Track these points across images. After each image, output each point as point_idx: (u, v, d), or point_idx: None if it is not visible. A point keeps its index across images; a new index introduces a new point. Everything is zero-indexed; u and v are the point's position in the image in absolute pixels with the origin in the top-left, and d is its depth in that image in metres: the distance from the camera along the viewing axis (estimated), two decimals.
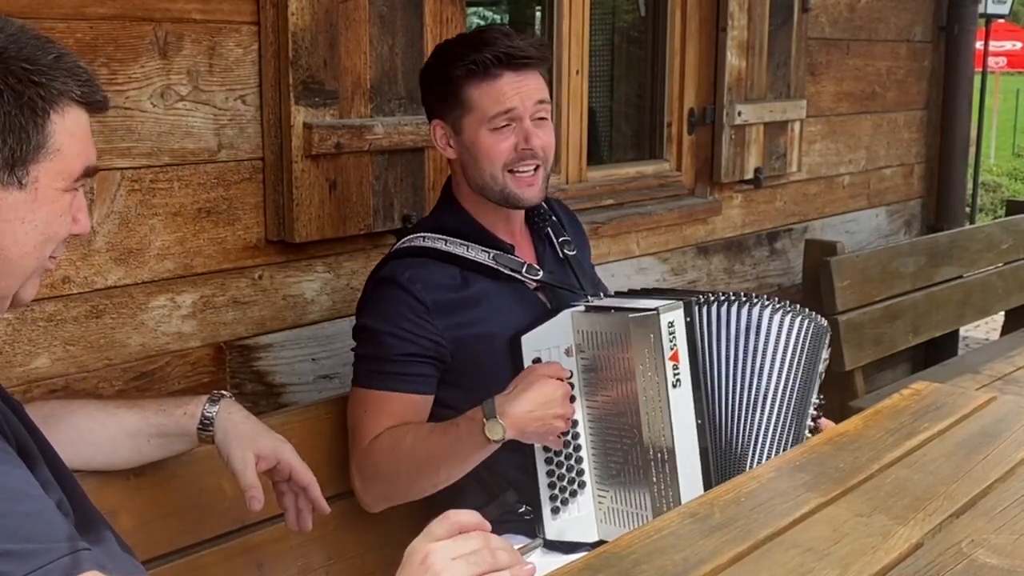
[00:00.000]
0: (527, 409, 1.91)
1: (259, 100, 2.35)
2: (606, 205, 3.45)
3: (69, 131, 1.32)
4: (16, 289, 1.35)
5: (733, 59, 3.64)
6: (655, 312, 1.95)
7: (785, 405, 2.09)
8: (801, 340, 2.12)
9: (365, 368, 2.05)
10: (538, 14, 4.97)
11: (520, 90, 2.05)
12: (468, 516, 1.22)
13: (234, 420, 1.71)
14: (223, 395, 1.75)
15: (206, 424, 1.71)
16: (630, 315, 1.97)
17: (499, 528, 2.06)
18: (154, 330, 2.24)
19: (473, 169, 2.09)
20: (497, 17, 6.55)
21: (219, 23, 2.27)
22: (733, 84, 3.66)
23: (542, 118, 2.09)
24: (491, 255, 2.10)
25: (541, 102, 2.08)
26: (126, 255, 2.17)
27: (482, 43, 2.05)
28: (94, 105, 1.36)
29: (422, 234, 2.12)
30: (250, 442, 1.69)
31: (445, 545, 1.17)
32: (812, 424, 2.18)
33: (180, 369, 2.30)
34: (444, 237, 2.10)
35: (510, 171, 2.07)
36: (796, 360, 2.12)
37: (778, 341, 2.10)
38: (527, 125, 2.06)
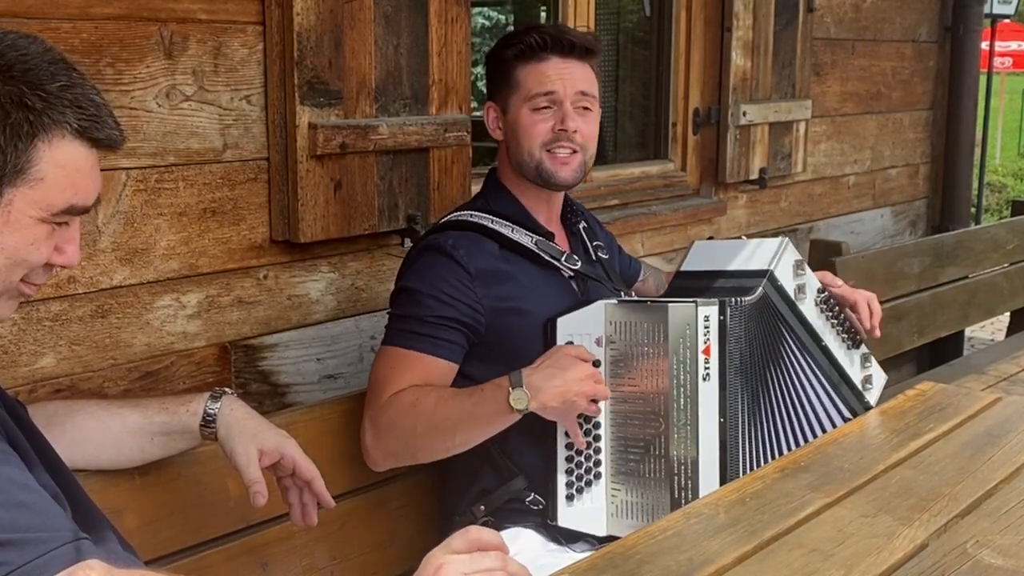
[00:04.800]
0: (553, 383, 1.94)
1: (264, 100, 2.35)
2: (611, 205, 3.45)
3: (58, 163, 1.28)
4: None
5: (738, 59, 3.64)
6: (693, 303, 2.02)
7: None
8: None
9: (400, 328, 2.08)
10: (543, 14, 4.97)
11: (563, 75, 2.14)
12: (489, 535, 1.22)
13: (236, 416, 1.71)
14: (225, 392, 1.75)
15: (208, 421, 1.71)
16: (669, 304, 2.03)
17: (506, 517, 2.08)
18: (159, 330, 2.25)
19: (514, 147, 2.18)
20: (503, 17, 6.55)
21: (224, 23, 2.27)
22: (738, 84, 3.66)
23: (585, 108, 2.17)
24: (533, 240, 2.16)
25: (584, 93, 2.16)
26: (131, 255, 2.18)
27: (536, 28, 2.17)
28: (97, 142, 1.32)
29: (469, 211, 2.19)
30: (253, 437, 1.69)
31: (461, 559, 1.18)
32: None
33: (185, 369, 2.30)
34: (490, 216, 2.16)
35: (548, 150, 2.15)
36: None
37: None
38: (567, 108, 2.14)
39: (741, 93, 3.67)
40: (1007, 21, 10.05)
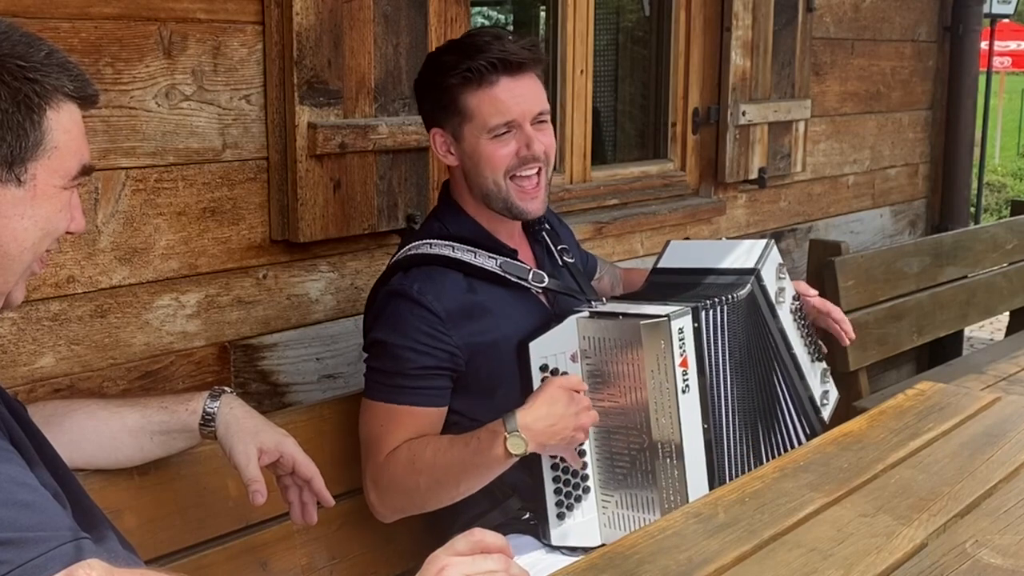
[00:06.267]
0: (549, 423, 1.90)
1: (263, 100, 2.35)
2: (610, 205, 3.45)
3: (65, 128, 1.32)
4: (12, 287, 1.35)
5: (737, 59, 3.64)
6: (666, 318, 1.96)
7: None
8: None
9: (381, 382, 2.02)
10: (542, 14, 4.97)
11: (518, 99, 2.03)
12: (492, 537, 1.23)
13: (236, 415, 1.71)
14: (224, 391, 1.75)
15: (208, 419, 1.71)
16: (641, 321, 1.97)
17: (502, 531, 2.06)
18: (159, 329, 2.25)
19: (475, 176, 2.08)
20: (501, 17, 6.54)
21: (224, 23, 2.27)
22: (737, 84, 3.66)
23: (543, 122, 2.08)
24: (498, 262, 2.09)
25: (541, 113, 2.07)
26: (131, 255, 2.18)
27: (475, 49, 2.03)
28: (87, 99, 1.36)
29: (428, 241, 2.10)
30: (252, 436, 1.69)
31: (464, 561, 1.19)
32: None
33: (184, 368, 2.30)
34: (451, 243, 2.08)
35: (512, 177, 2.06)
36: None
37: None
38: (528, 130, 2.05)
39: (740, 93, 3.67)
40: (1006, 21, 10.06)
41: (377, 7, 2.45)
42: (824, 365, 2.35)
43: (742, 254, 2.23)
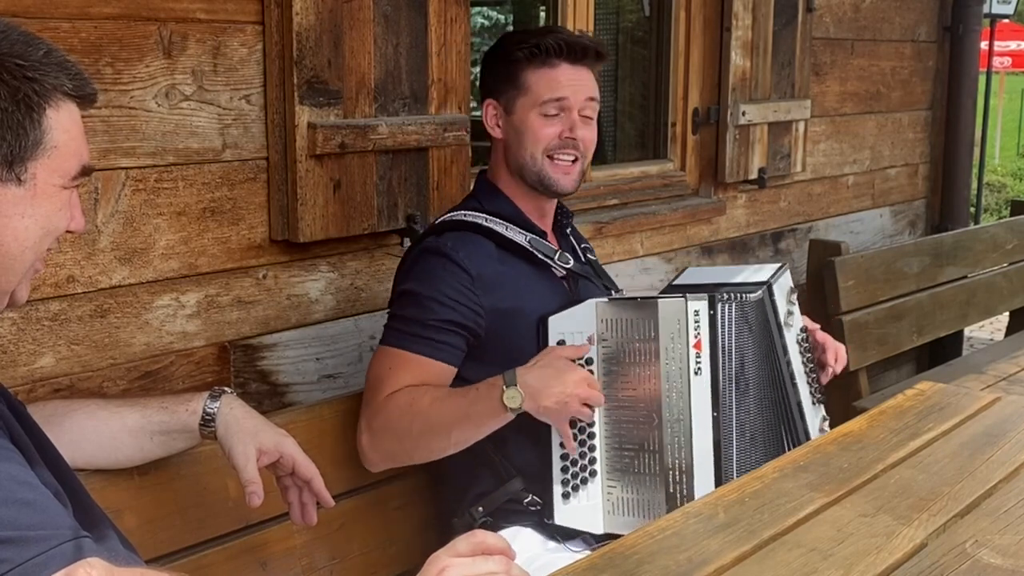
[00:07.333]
0: (544, 383, 1.95)
1: (263, 100, 2.35)
2: (610, 205, 3.45)
3: (64, 127, 1.32)
4: (15, 286, 1.35)
5: (737, 59, 3.64)
6: (683, 298, 2.03)
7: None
8: None
9: (401, 329, 2.08)
10: (542, 14, 4.97)
11: (574, 82, 2.17)
12: (494, 539, 1.23)
13: (236, 415, 1.71)
14: (224, 391, 1.75)
15: (207, 420, 1.71)
16: (659, 299, 2.04)
17: (505, 518, 2.08)
18: (159, 329, 2.25)
19: (516, 148, 2.19)
20: (502, 17, 6.55)
21: (223, 23, 2.27)
22: (737, 84, 3.66)
23: (588, 116, 2.20)
24: (527, 238, 2.18)
25: (591, 99, 2.19)
26: (131, 255, 2.18)
27: (545, 31, 2.21)
28: (86, 98, 1.36)
29: (463, 211, 2.19)
30: (251, 436, 1.69)
31: (464, 562, 1.19)
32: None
33: (184, 368, 2.30)
34: (484, 215, 2.17)
35: (549, 156, 2.16)
36: None
37: None
38: (574, 117, 2.17)
39: (740, 93, 3.67)
40: (1006, 21, 10.05)
41: (377, 7, 2.45)
42: (824, 413, 2.30)
43: (755, 273, 2.27)
